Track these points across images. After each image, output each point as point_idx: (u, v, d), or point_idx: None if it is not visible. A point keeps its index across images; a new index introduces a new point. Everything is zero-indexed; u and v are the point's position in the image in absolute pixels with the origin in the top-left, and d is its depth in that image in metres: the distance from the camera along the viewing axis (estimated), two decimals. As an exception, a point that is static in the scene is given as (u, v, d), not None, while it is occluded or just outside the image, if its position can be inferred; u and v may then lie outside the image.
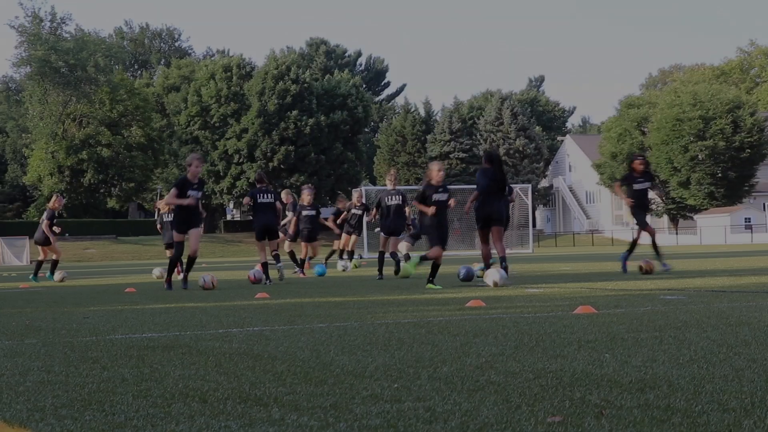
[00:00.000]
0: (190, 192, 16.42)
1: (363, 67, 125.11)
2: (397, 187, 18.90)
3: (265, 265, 18.19)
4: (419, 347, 6.20)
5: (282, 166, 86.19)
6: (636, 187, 17.50)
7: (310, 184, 24.61)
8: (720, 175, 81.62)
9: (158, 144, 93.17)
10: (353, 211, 26.17)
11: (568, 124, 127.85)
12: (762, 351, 5.47)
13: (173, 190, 16.59)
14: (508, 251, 16.90)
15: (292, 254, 23.51)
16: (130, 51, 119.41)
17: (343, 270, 24.58)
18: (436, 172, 14.90)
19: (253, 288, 15.86)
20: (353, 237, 25.95)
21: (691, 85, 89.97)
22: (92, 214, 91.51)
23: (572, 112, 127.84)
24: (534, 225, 57.81)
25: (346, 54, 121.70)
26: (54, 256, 24.11)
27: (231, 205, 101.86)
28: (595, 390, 4.29)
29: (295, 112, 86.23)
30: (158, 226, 24.47)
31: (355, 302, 11.29)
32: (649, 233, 17.14)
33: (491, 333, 6.96)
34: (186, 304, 11.80)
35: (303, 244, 24.22)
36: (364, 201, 27.50)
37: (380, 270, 18.54)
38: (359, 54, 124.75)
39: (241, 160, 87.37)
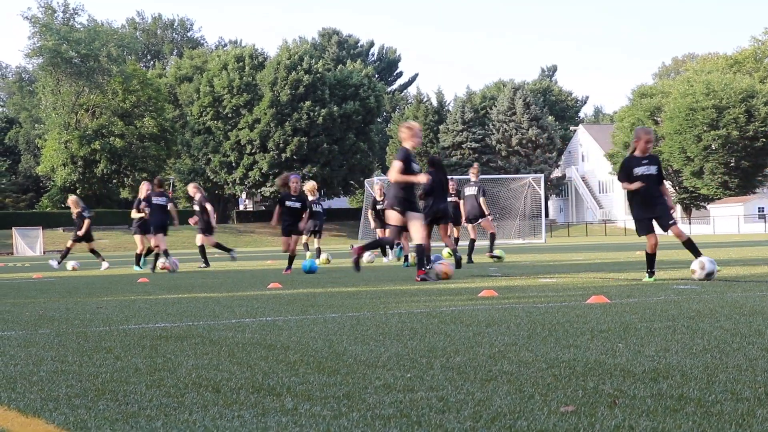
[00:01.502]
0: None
1: (375, 57, 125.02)
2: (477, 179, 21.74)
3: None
4: (432, 337, 6.20)
5: (294, 157, 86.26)
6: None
7: (297, 172, 22.97)
8: (733, 164, 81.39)
9: (171, 134, 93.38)
10: (378, 207, 24.53)
11: (581, 114, 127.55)
12: (776, 341, 5.46)
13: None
14: (521, 241, 17.56)
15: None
16: (143, 41, 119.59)
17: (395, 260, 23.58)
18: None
19: (265, 278, 15.88)
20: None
21: (705, 75, 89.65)
22: (105, 205, 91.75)
23: (585, 102, 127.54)
24: (547, 215, 57.69)
25: (359, 44, 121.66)
26: (152, 245, 23.73)
27: (243, 196, 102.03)
28: (608, 380, 4.29)
29: (307, 103, 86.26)
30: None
31: (367, 292, 11.30)
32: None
33: (504, 323, 6.96)
34: (199, 295, 11.83)
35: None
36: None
37: (469, 255, 21.11)
38: (371, 44, 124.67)
39: (253, 151, 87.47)
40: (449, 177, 20.14)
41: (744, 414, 3.45)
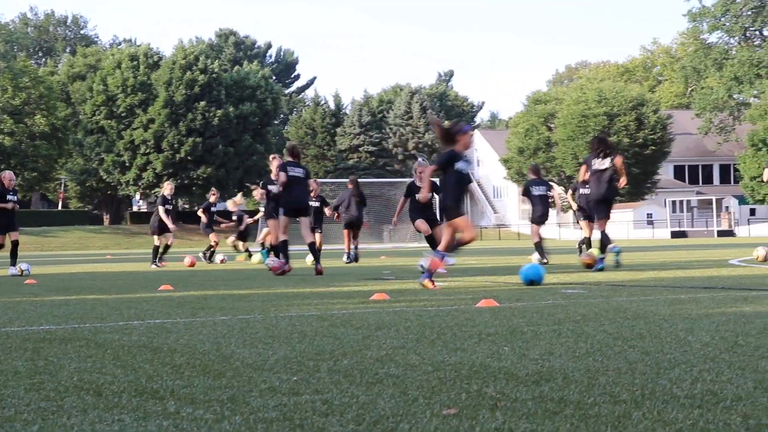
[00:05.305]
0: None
1: (273, 59, 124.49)
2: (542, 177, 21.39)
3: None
4: (321, 340, 6.19)
5: (189, 158, 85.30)
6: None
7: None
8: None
9: (63, 133, 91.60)
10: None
11: (477, 119, 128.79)
12: (655, 344, 5.59)
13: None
14: (415, 245, 17.75)
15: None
16: (34, 38, 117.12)
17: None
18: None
19: (157, 280, 15.68)
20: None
21: (597, 82, 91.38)
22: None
23: (481, 107, 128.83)
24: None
25: (256, 45, 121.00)
26: (168, 241, 24.92)
27: (137, 197, 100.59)
28: (492, 382, 4.33)
29: (203, 103, 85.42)
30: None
31: (259, 295, 11.24)
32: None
33: (393, 326, 6.99)
34: (87, 296, 11.63)
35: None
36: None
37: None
38: (269, 46, 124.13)
39: (147, 151, 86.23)
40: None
41: (620, 416, 3.52)
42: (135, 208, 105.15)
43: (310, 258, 22.43)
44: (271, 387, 4.34)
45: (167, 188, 25.15)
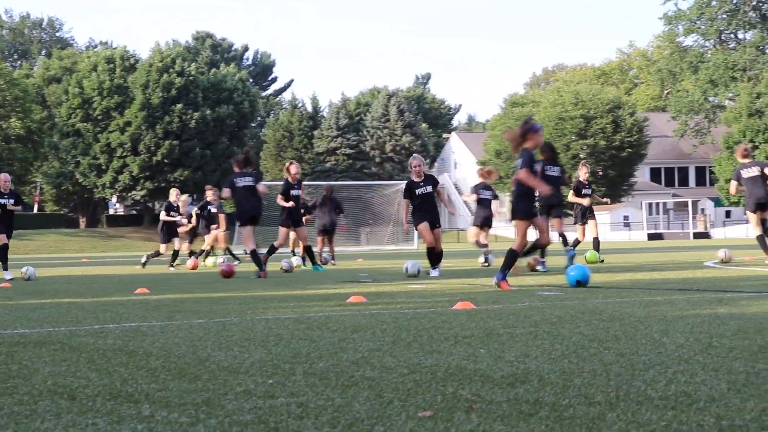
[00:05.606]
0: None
1: (250, 61, 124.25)
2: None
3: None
4: (297, 343, 6.18)
5: (166, 161, 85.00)
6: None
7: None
8: (601, 173, 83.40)
9: (38, 136, 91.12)
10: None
11: (454, 122, 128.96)
12: (630, 346, 5.61)
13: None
14: (393, 247, 17.85)
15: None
16: (9, 40, 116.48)
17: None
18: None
19: (133, 283, 15.62)
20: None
21: (573, 85, 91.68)
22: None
23: (458, 110, 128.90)
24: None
25: (233, 48, 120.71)
26: (176, 246, 24.96)
27: (114, 200, 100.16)
28: (468, 385, 4.34)
29: (179, 106, 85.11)
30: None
31: (236, 298, 11.22)
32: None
33: (370, 329, 6.98)
34: (62, 300, 11.57)
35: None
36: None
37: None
38: (246, 48, 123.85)
39: (124, 154, 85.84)
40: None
41: (595, 418, 3.54)
42: (111, 211, 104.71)
43: (296, 260, 22.39)
44: (247, 390, 4.34)
45: (172, 195, 25.74)
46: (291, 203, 20.13)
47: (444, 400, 3.97)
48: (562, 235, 18.00)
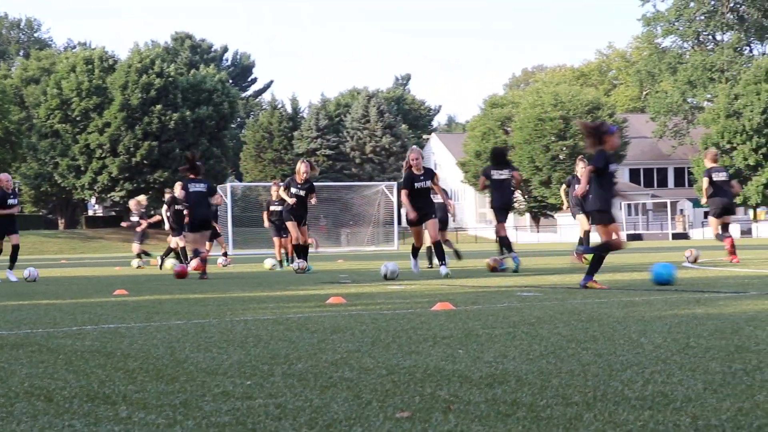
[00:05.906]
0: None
1: (229, 62, 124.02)
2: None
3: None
4: (276, 344, 6.18)
5: (145, 162, 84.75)
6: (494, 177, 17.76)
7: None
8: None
9: (16, 137, 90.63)
10: (273, 207, 23.43)
11: (434, 123, 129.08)
12: (608, 346, 5.63)
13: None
14: (374, 248, 18.06)
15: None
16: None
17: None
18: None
19: (111, 284, 15.56)
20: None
21: (553, 86, 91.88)
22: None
23: (438, 111, 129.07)
24: (399, 222, 58.16)
25: (212, 49, 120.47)
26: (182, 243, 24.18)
27: (93, 201, 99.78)
28: (446, 385, 4.35)
29: (159, 107, 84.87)
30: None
31: (215, 299, 11.20)
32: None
33: (349, 330, 6.99)
34: (40, 301, 11.52)
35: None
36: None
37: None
38: (225, 49, 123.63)
39: (103, 155, 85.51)
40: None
41: (572, 418, 3.55)
42: (90, 213, 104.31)
43: (271, 262, 22.38)
44: (225, 391, 4.33)
45: (177, 188, 24.94)
46: (293, 199, 19.61)
47: (422, 400, 3.98)
48: (505, 238, 17.72)
